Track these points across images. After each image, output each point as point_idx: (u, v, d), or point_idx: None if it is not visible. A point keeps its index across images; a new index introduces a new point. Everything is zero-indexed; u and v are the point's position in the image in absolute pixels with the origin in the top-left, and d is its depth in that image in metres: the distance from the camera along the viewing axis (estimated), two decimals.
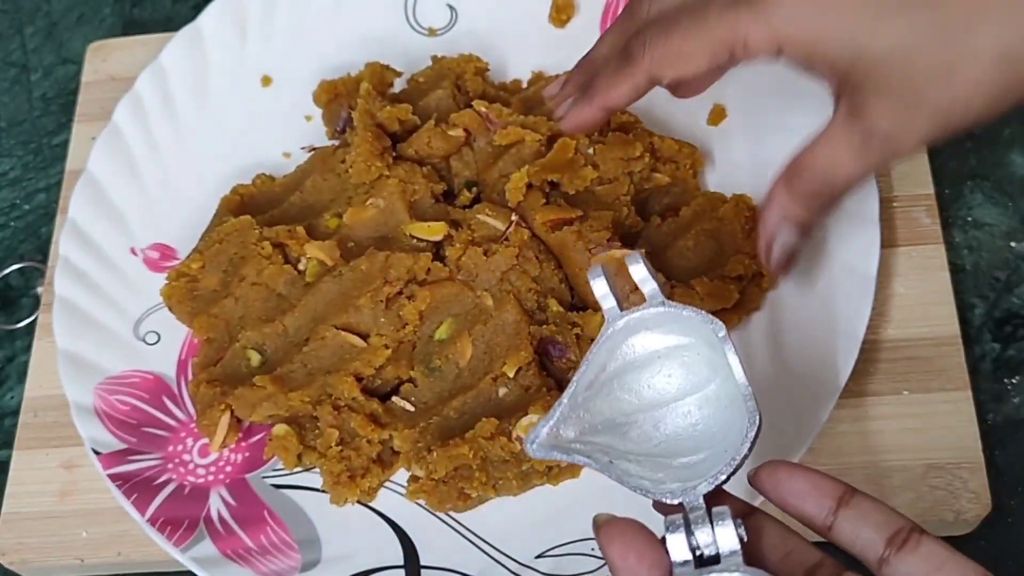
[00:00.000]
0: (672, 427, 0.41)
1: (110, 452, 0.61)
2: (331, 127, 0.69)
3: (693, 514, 0.37)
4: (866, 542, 0.38)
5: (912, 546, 0.37)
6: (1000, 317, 0.64)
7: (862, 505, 0.38)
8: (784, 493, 0.39)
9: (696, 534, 0.37)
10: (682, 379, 0.42)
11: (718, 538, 0.36)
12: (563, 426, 0.41)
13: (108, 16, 0.83)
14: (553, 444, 0.40)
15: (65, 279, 0.65)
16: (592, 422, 0.41)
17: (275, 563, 0.57)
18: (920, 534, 0.37)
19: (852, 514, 0.38)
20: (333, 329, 0.60)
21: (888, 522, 0.38)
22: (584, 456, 0.40)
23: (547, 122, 0.64)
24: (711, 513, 0.37)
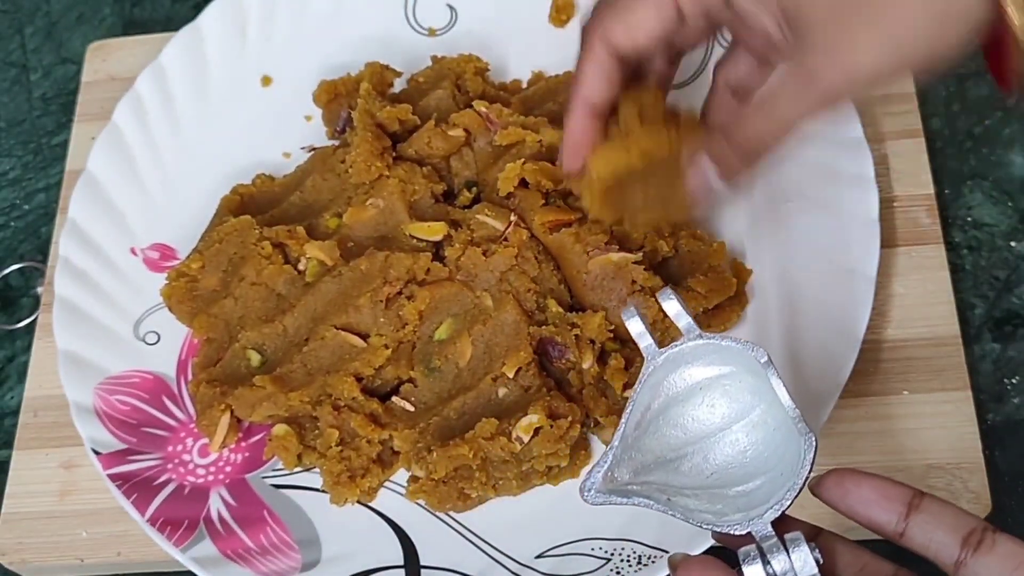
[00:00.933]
0: (722, 457, 0.42)
1: (110, 452, 0.61)
2: (331, 127, 0.69)
3: (766, 543, 0.37)
4: (940, 545, 0.38)
5: (988, 546, 0.37)
6: (1000, 317, 0.64)
7: (932, 508, 0.38)
8: (853, 502, 0.39)
9: (772, 562, 0.37)
10: (726, 408, 0.42)
11: (795, 563, 0.36)
12: (617, 469, 0.41)
13: (108, 16, 0.83)
14: (610, 488, 0.41)
15: (65, 279, 0.65)
16: (644, 461, 0.42)
17: (275, 563, 0.57)
18: (994, 532, 0.37)
19: (923, 518, 0.38)
20: (333, 329, 0.60)
21: (960, 523, 0.38)
22: (643, 497, 0.40)
23: (547, 123, 0.64)
24: (784, 540, 0.37)
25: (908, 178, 0.66)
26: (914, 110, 0.68)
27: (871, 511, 0.39)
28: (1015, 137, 0.69)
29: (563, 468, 0.58)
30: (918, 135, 0.67)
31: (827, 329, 0.59)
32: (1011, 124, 0.70)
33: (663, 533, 0.55)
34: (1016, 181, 0.68)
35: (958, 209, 0.67)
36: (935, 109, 0.71)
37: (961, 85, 0.71)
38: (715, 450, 0.42)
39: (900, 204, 0.65)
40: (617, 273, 0.59)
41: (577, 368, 0.59)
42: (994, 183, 0.68)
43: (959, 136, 0.70)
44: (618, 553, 0.56)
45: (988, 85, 0.71)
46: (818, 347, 0.59)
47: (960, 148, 0.69)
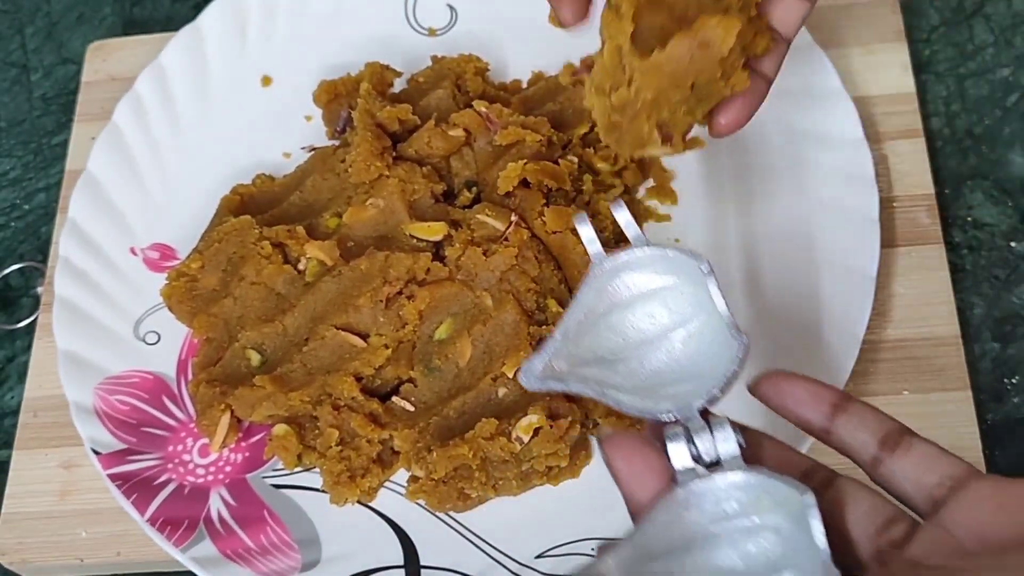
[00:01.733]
0: (658, 362, 0.42)
1: (110, 452, 0.61)
2: (331, 127, 0.69)
3: (692, 424, 0.38)
4: (860, 445, 0.39)
5: (905, 448, 0.38)
6: (1000, 317, 0.64)
7: (857, 410, 0.40)
8: (784, 400, 0.40)
9: (696, 442, 0.37)
10: (666, 318, 0.43)
11: (718, 444, 0.37)
12: (556, 359, 0.42)
13: (108, 16, 0.83)
14: (548, 375, 0.41)
15: (65, 279, 0.65)
16: (583, 357, 0.42)
17: (275, 563, 0.57)
18: (912, 436, 0.39)
19: (848, 419, 0.39)
20: (333, 329, 0.60)
21: (882, 426, 0.39)
22: (579, 384, 0.41)
23: (547, 123, 0.64)
24: (710, 423, 0.38)
25: (908, 178, 0.66)
26: (914, 110, 0.68)
27: (800, 409, 0.40)
28: (1015, 137, 0.69)
29: (563, 468, 0.58)
30: (918, 135, 0.67)
31: (827, 329, 0.59)
32: (1011, 124, 0.70)
33: None
34: (1016, 181, 0.68)
35: (958, 209, 0.67)
36: (935, 109, 0.71)
37: (961, 85, 0.71)
38: (651, 356, 0.42)
39: (900, 204, 0.65)
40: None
41: None
42: (994, 183, 0.68)
43: (959, 136, 0.70)
44: None
45: (988, 85, 0.71)
46: (818, 347, 0.59)
47: (960, 148, 0.69)
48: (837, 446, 0.40)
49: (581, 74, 0.66)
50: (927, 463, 0.38)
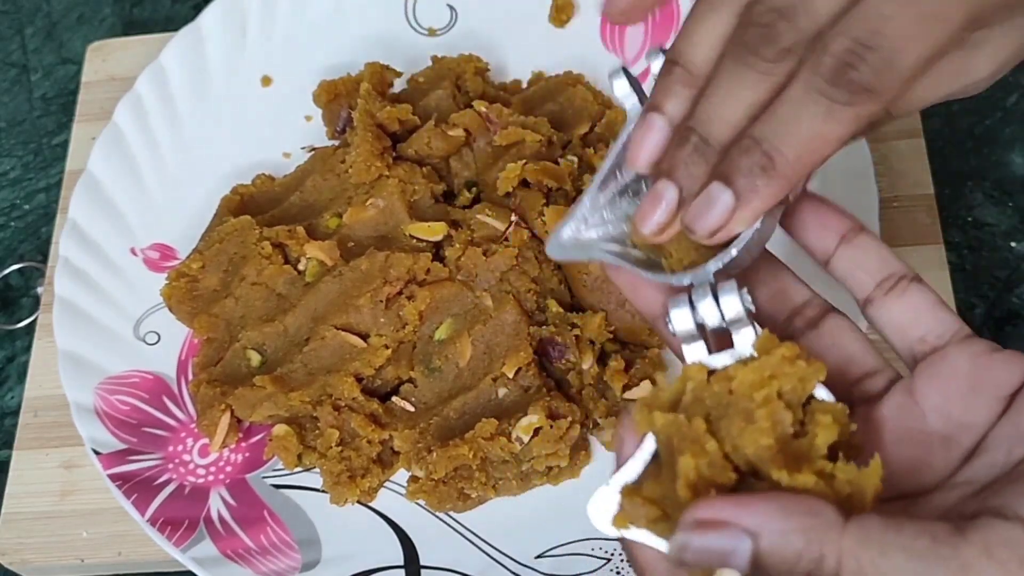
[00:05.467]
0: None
1: (110, 452, 0.61)
2: (331, 127, 0.69)
3: (697, 290, 0.36)
4: (858, 280, 0.38)
5: (899, 291, 0.37)
6: (1000, 317, 0.64)
7: (864, 243, 0.38)
8: (795, 222, 0.38)
9: (698, 307, 0.36)
10: None
11: (722, 307, 0.35)
12: (583, 227, 0.40)
13: (108, 16, 0.83)
14: (573, 244, 0.39)
15: (65, 279, 0.65)
16: (609, 222, 0.40)
17: (275, 563, 0.57)
18: (912, 281, 0.37)
19: (851, 251, 0.38)
20: (333, 329, 0.60)
21: (884, 265, 0.37)
22: (600, 253, 0.39)
23: (547, 123, 0.64)
24: (714, 286, 0.36)
25: (908, 178, 0.66)
26: None
27: (805, 232, 0.38)
28: (1015, 137, 0.69)
29: (563, 468, 0.58)
30: (918, 135, 0.67)
31: None
32: (1011, 124, 0.70)
33: None
34: (1016, 181, 0.68)
35: (958, 209, 0.67)
36: (935, 109, 0.70)
37: None
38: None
39: (900, 204, 0.65)
40: None
41: (577, 369, 0.59)
42: (994, 183, 0.68)
43: (959, 136, 0.70)
44: (618, 553, 0.56)
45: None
46: None
47: (960, 148, 0.69)
48: (836, 276, 0.38)
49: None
50: (916, 314, 0.36)
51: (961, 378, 0.35)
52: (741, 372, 0.34)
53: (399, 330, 0.60)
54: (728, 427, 0.33)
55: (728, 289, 0.36)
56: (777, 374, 0.33)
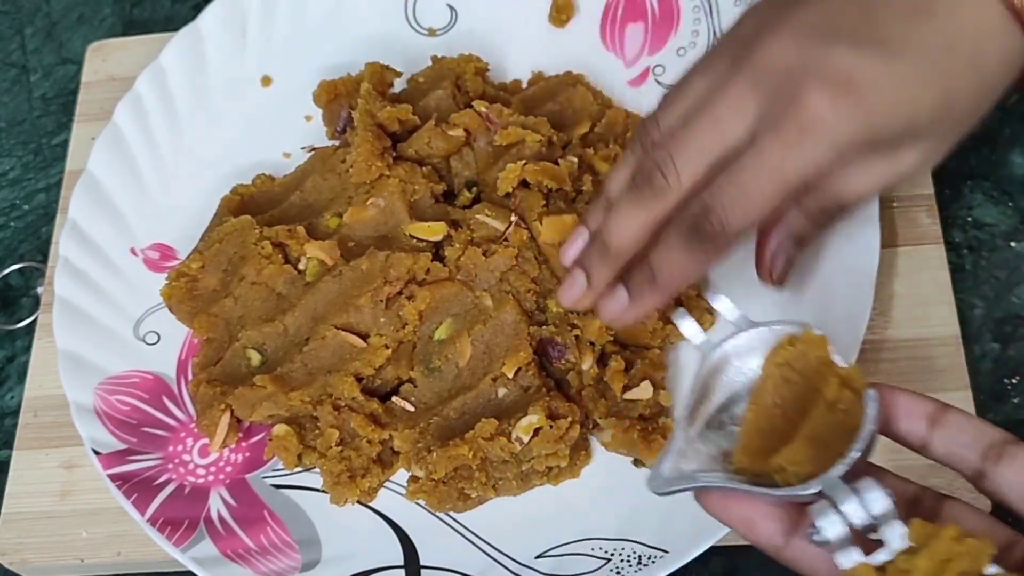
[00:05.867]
0: None
1: (110, 452, 0.61)
2: (331, 127, 0.69)
3: (836, 494, 0.37)
4: (961, 458, 0.38)
5: (1009, 458, 0.37)
6: (1000, 317, 0.64)
7: (955, 421, 0.39)
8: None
9: (843, 508, 0.36)
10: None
11: (867, 504, 0.36)
12: (684, 461, 0.41)
13: (108, 16, 0.83)
14: (675, 477, 0.40)
15: (65, 279, 0.65)
16: (707, 452, 0.41)
17: (275, 563, 0.57)
18: (1017, 445, 0.38)
19: (946, 432, 0.39)
20: (333, 329, 0.60)
21: (983, 436, 0.38)
22: (708, 479, 0.40)
23: (547, 123, 0.64)
24: (852, 486, 0.37)
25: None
26: None
27: (897, 423, 0.39)
28: (1015, 137, 0.69)
29: (563, 468, 0.58)
30: None
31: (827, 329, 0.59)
32: (1011, 124, 0.70)
33: (663, 533, 0.55)
34: (1016, 181, 0.68)
35: (958, 209, 0.67)
36: None
37: None
38: None
39: (900, 204, 0.65)
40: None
41: (577, 369, 0.59)
42: (994, 183, 0.68)
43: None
44: (618, 553, 0.56)
45: None
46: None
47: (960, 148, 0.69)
48: (938, 459, 0.39)
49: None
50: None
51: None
52: (916, 561, 0.35)
53: (399, 330, 0.60)
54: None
55: (870, 486, 0.36)
56: (952, 556, 0.34)
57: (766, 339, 0.42)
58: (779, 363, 0.42)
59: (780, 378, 0.41)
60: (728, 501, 0.39)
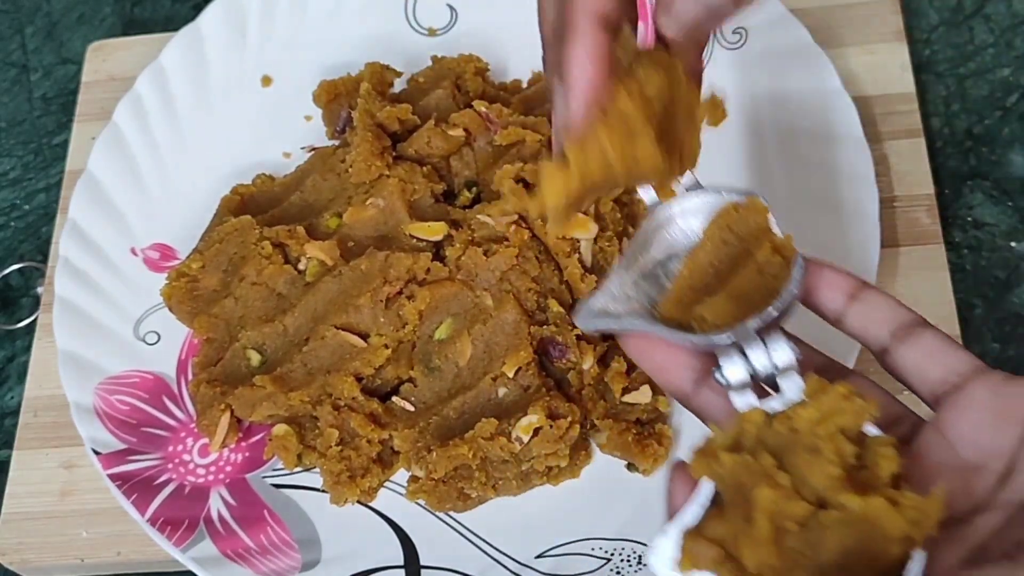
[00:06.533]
0: None
1: (110, 452, 0.61)
2: (331, 127, 0.69)
3: (747, 342, 0.38)
4: (872, 334, 0.39)
5: (914, 339, 0.38)
6: (1000, 317, 0.64)
7: (871, 298, 0.40)
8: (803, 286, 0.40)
9: (750, 356, 0.38)
10: None
11: (772, 355, 0.38)
12: (613, 302, 0.42)
13: (108, 16, 0.83)
14: (602, 314, 0.41)
15: (65, 279, 0.65)
16: (637, 299, 0.42)
17: (275, 563, 0.57)
18: (923, 327, 0.39)
19: (861, 307, 0.40)
20: (333, 329, 0.60)
21: (895, 315, 0.39)
22: (630, 322, 0.41)
23: (547, 123, 0.64)
24: (763, 339, 0.38)
25: (908, 178, 0.66)
26: (914, 110, 0.68)
27: (815, 294, 0.40)
28: (1015, 137, 0.69)
29: (563, 468, 0.58)
30: (918, 135, 0.67)
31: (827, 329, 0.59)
32: (1011, 124, 0.70)
33: None
34: (1016, 181, 0.68)
35: (958, 209, 0.67)
36: (935, 109, 0.71)
37: (961, 85, 0.71)
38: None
39: (900, 204, 0.65)
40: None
41: (577, 368, 0.59)
42: (994, 183, 0.68)
43: (959, 136, 0.70)
44: (618, 553, 0.56)
45: (988, 85, 0.71)
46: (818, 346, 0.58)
47: (960, 148, 0.69)
48: (850, 333, 0.40)
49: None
50: (934, 356, 0.38)
51: (985, 409, 0.37)
52: (802, 411, 0.36)
53: (399, 330, 0.60)
54: (795, 463, 0.35)
55: (777, 339, 0.38)
56: (836, 411, 0.36)
57: (712, 204, 0.42)
58: (720, 226, 0.42)
59: (719, 239, 0.42)
60: (647, 345, 0.40)
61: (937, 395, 0.38)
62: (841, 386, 0.36)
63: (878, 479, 0.35)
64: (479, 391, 0.59)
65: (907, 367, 0.39)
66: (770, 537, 0.34)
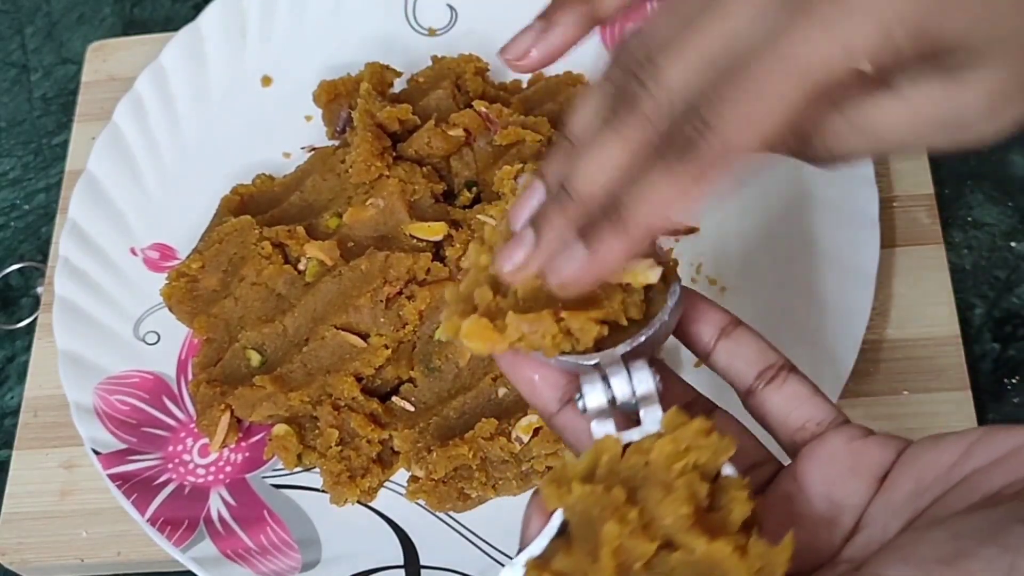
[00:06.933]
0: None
1: (110, 452, 0.61)
2: (331, 127, 0.69)
3: (610, 368, 0.37)
4: (737, 372, 0.39)
5: (779, 383, 0.38)
6: (1000, 317, 0.64)
7: (741, 337, 0.39)
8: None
9: (611, 381, 0.37)
10: None
11: (634, 382, 0.37)
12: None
13: (108, 16, 0.83)
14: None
15: (65, 279, 0.65)
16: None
17: (275, 563, 0.57)
18: (790, 372, 0.39)
19: (729, 344, 0.39)
20: (333, 329, 0.60)
21: (762, 357, 0.39)
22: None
23: (547, 123, 0.64)
24: (627, 366, 0.37)
25: (908, 178, 0.66)
26: None
27: (689, 327, 0.40)
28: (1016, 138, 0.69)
29: None
30: None
31: (827, 329, 0.59)
32: None
33: None
34: (1016, 181, 0.68)
35: (958, 209, 0.67)
36: None
37: None
38: None
39: (900, 204, 0.65)
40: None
41: None
42: (994, 183, 0.68)
43: None
44: None
45: None
46: (818, 347, 0.59)
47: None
48: (717, 370, 0.40)
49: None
50: (796, 402, 0.38)
51: (839, 462, 0.36)
52: (658, 444, 0.35)
53: (399, 330, 0.60)
54: (646, 497, 0.34)
55: (640, 367, 0.37)
56: (692, 447, 0.35)
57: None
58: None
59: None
60: (518, 361, 0.39)
61: (796, 442, 0.38)
62: (700, 421, 0.35)
63: (729, 523, 0.34)
64: (479, 391, 0.59)
65: (769, 410, 0.38)
66: (613, 575, 0.33)
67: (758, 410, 0.39)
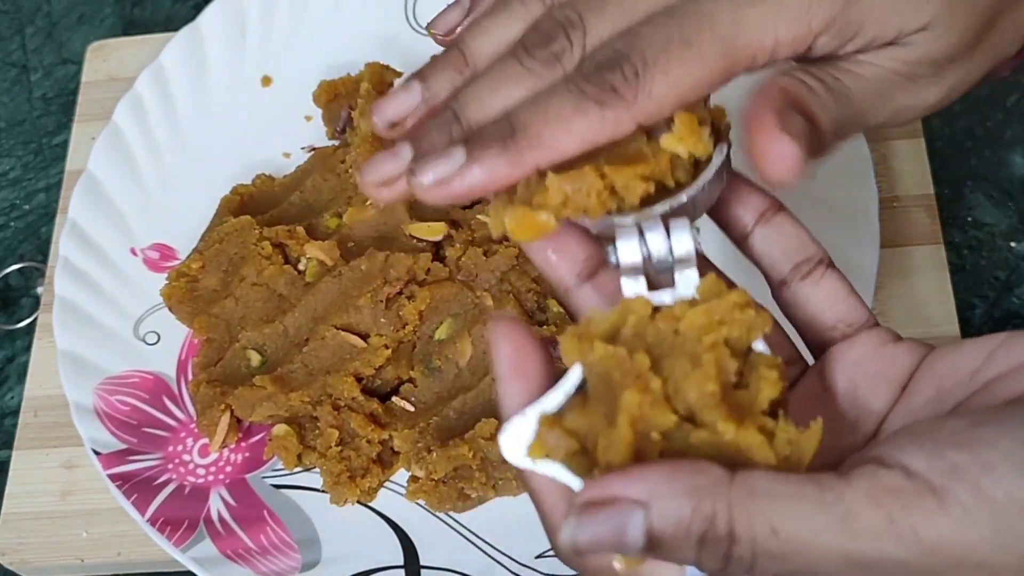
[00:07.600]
0: None
1: (110, 452, 0.61)
2: (331, 127, 0.69)
3: (647, 223, 0.35)
4: (774, 262, 0.38)
5: (816, 277, 0.37)
6: (1000, 317, 0.64)
7: (782, 225, 0.38)
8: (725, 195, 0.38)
9: (648, 239, 0.34)
10: None
11: (673, 243, 0.34)
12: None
13: (108, 16, 0.83)
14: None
15: (65, 279, 0.65)
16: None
17: (275, 563, 0.57)
18: (827, 267, 0.37)
19: (769, 232, 0.38)
20: (333, 329, 0.60)
21: (801, 248, 0.37)
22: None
23: None
24: (667, 225, 0.35)
25: (908, 178, 0.66)
26: None
27: (727, 208, 0.38)
28: (1016, 138, 0.69)
29: None
30: (918, 135, 0.67)
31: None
32: (1012, 125, 0.70)
33: None
34: (1016, 181, 0.68)
35: (958, 209, 0.67)
36: None
37: None
38: None
39: (900, 204, 0.65)
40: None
41: None
42: (994, 183, 0.68)
43: (959, 136, 0.70)
44: None
45: (988, 85, 0.71)
46: None
47: (960, 148, 0.69)
48: (752, 256, 0.38)
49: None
50: (830, 301, 0.37)
51: (867, 366, 0.36)
52: (690, 313, 0.33)
53: (399, 330, 0.60)
54: (671, 368, 0.32)
55: (680, 226, 0.35)
56: (726, 320, 0.33)
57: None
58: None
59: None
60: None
61: (824, 342, 0.37)
62: (738, 293, 0.33)
63: (756, 403, 0.32)
64: (479, 391, 0.59)
65: (802, 306, 0.37)
66: (630, 443, 0.31)
67: (790, 304, 0.37)
